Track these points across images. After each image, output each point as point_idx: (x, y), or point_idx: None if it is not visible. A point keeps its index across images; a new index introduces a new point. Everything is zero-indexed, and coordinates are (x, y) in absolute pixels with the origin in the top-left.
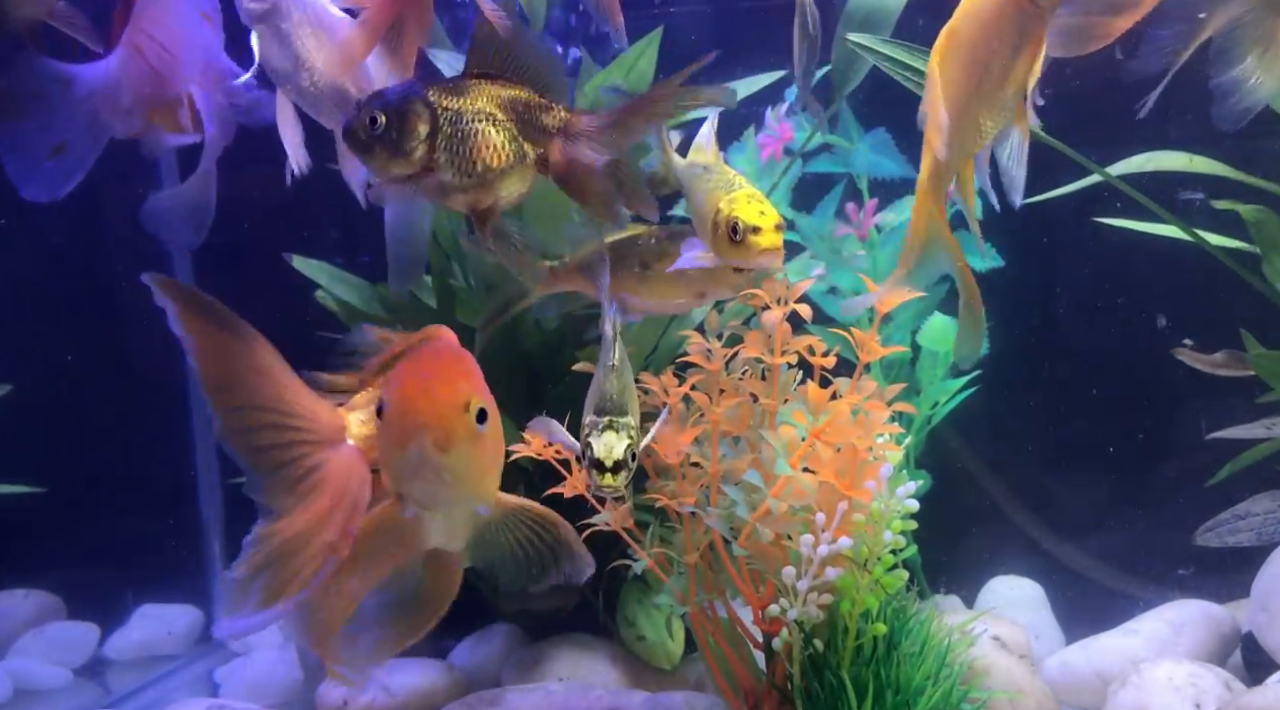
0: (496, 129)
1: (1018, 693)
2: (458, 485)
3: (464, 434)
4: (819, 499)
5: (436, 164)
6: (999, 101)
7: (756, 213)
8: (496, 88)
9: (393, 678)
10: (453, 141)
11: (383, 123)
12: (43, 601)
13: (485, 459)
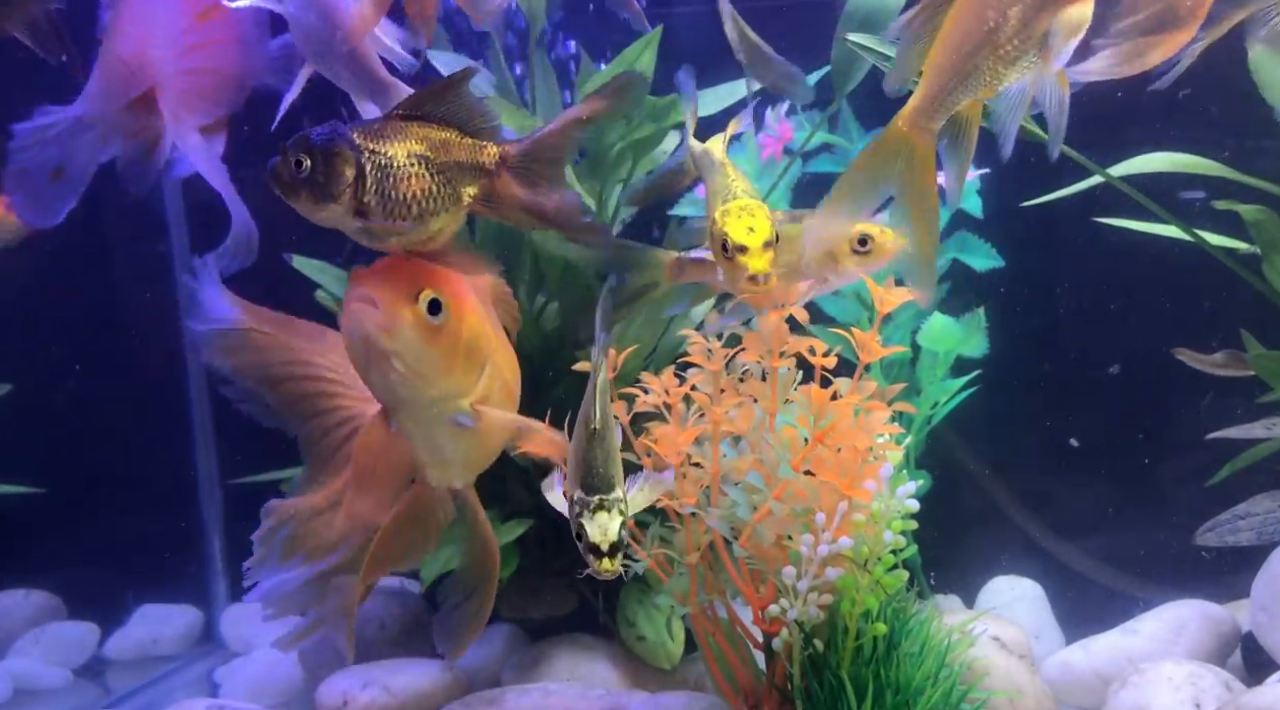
0: (426, 170)
1: (1018, 693)
2: (414, 378)
3: (410, 321)
4: (819, 499)
5: (366, 208)
6: (1014, 49)
7: (745, 230)
8: (425, 129)
9: (393, 678)
10: (381, 184)
11: (307, 166)
12: (43, 601)
13: (444, 353)
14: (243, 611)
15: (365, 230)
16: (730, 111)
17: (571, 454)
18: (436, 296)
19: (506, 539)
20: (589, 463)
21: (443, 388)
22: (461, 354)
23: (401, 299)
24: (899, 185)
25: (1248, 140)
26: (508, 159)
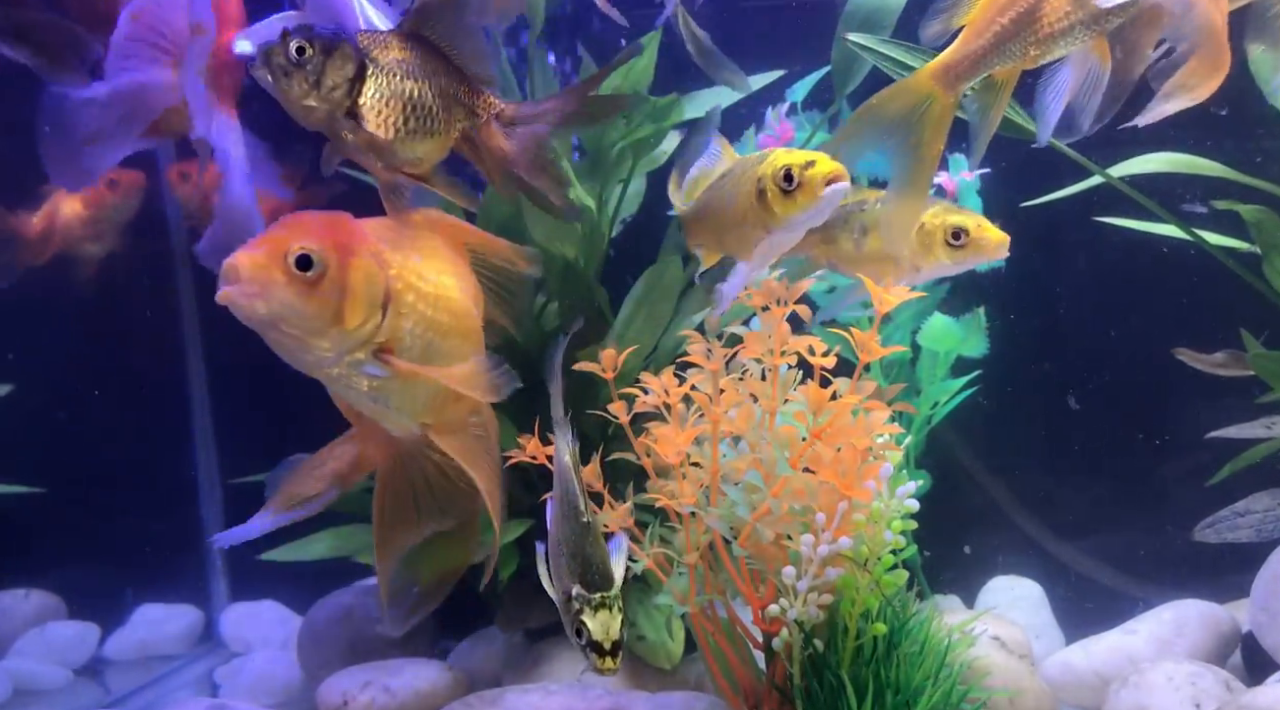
0: (427, 89)
1: (1018, 692)
2: (304, 337)
3: (280, 281)
4: (819, 499)
5: (359, 110)
6: (1064, 20)
7: (801, 155)
8: (431, 53)
9: (393, 678)
10: (380, 90)
11: (309, 53)
12: (43, 601)
13: (324, 305)
14: (243, 611)
15: (352, 136)
16: (731, 113)
17: (560, 545)
18: (305, 251)
19: (507, 539)
20: (586, 558)
21: (337, 339)
22: (351, 300)
23: (269, 262)
24: (904, 138)
25: (1248, 140)
26: (502, 113)
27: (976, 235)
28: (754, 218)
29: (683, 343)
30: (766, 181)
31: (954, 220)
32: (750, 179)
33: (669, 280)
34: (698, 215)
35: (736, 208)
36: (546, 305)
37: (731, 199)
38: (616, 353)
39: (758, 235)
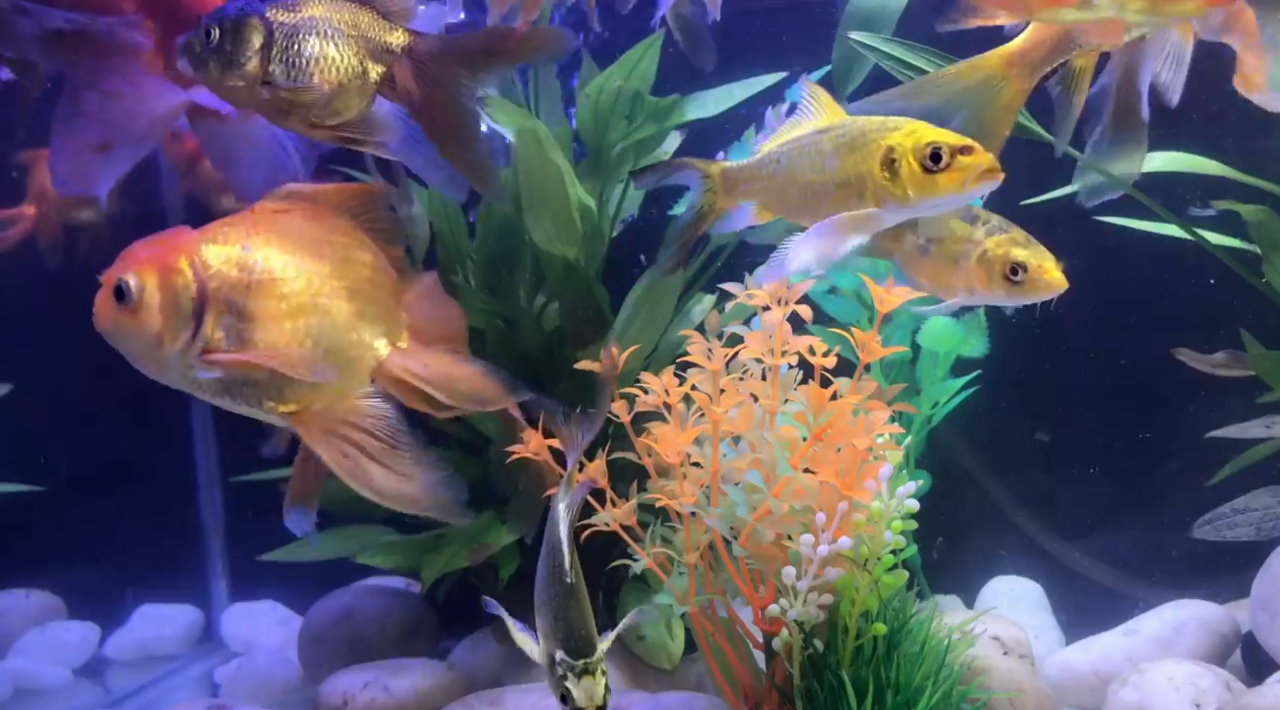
0: (333, 44)
1: (1018, 692)
2: (144, 358)
3: (106, 315)
4: (819, 499)
5: (271, 77)
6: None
7: (952, 136)
8: (337, 4)
9: (393, 678)
10: (288, 54)
11: (216, 36)
12: (43, 601)
13: (144, 329)
14: (243, 611)
15: (273, 102)
16: (731, 114)
17: (545, 608)
18: (121, 281)
19: (506, 540)
20: (569, 623)
21: (162, 358)
22: (165, 321)
23: (102, 296)
24: (968, 118)
25: (1247, 140)
26: (415, 49)
27: (1035, 275)
28: (868, 187)
29: (683, 343)
30: (904, 154)
31: (1016, 254)
32: (877, 145)
33: (669, 280)
34: (765, 168)
35: (841, 170)
36: (546, 305)
37: (833, 158)
38: (616, 352)
39: (859, 205)
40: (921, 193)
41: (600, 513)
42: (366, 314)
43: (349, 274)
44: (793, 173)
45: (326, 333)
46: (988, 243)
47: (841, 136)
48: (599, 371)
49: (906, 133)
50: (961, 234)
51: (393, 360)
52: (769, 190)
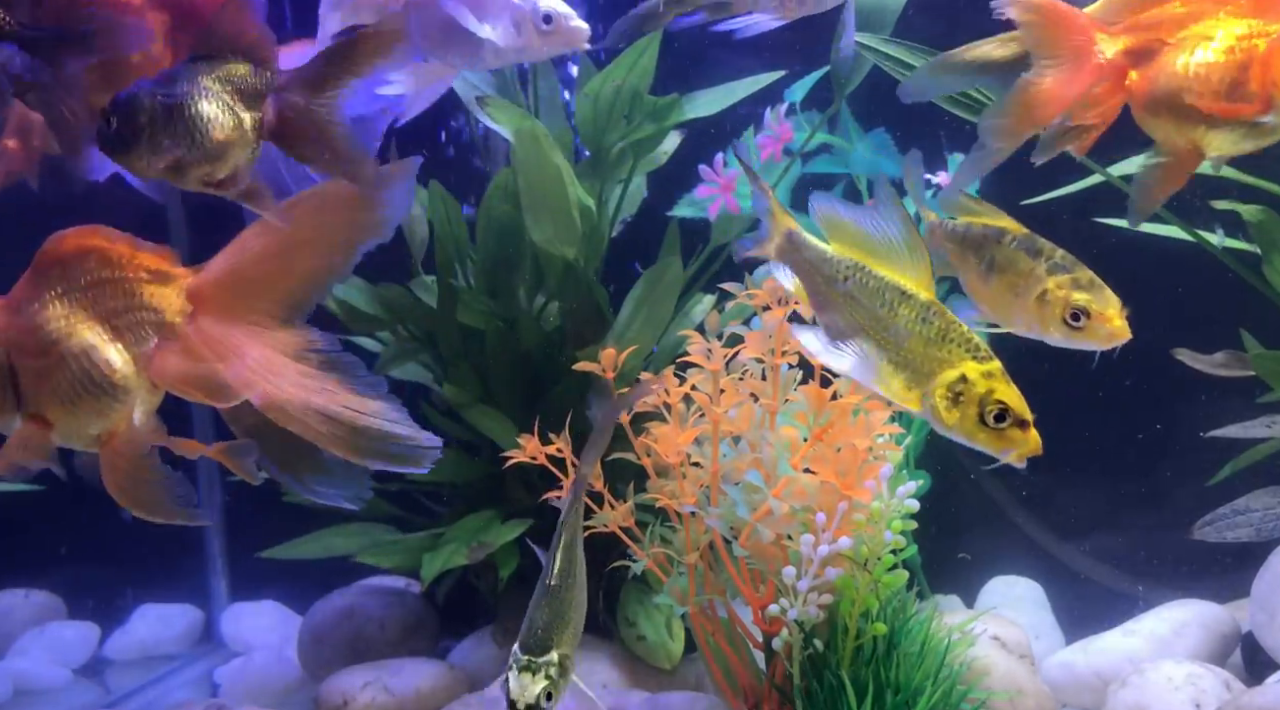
0: (211, 103)
1: (1017, 693)
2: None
3: None
4: (819, 499)
5: (161, 147)
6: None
7: (1019, 400)
8: (212, 66)
9: (393, 678)
10: (172, 123)
11: (113, 123)
12: (43, 601)
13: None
14: (243, 611)
15: (171, 170)
16: (730, 113)
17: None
18: None
19: (506, 539)
20: (533, 621)
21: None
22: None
23: None
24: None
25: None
26: (278, 87)
27: (1096, 322)
28: (920, 388)
29: (683, 343)
30: (970, 398)
31: (1077, 299)
32: (949, 365)
33: (669, 280)
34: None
35: (904, 353)
36: (546, 305)
37: (903, 336)
38: (616, 353)
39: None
40: (964, 436)
41: (599, 514)
42: (120, 326)
43: (102, 299)
44: (853, 305)
45: (80, 375)
46: (1049, 282)
47: (923, 322)
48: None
49: (982, 374)
50: (1024, 267)
51: (156, 363)
52: (822, 293)
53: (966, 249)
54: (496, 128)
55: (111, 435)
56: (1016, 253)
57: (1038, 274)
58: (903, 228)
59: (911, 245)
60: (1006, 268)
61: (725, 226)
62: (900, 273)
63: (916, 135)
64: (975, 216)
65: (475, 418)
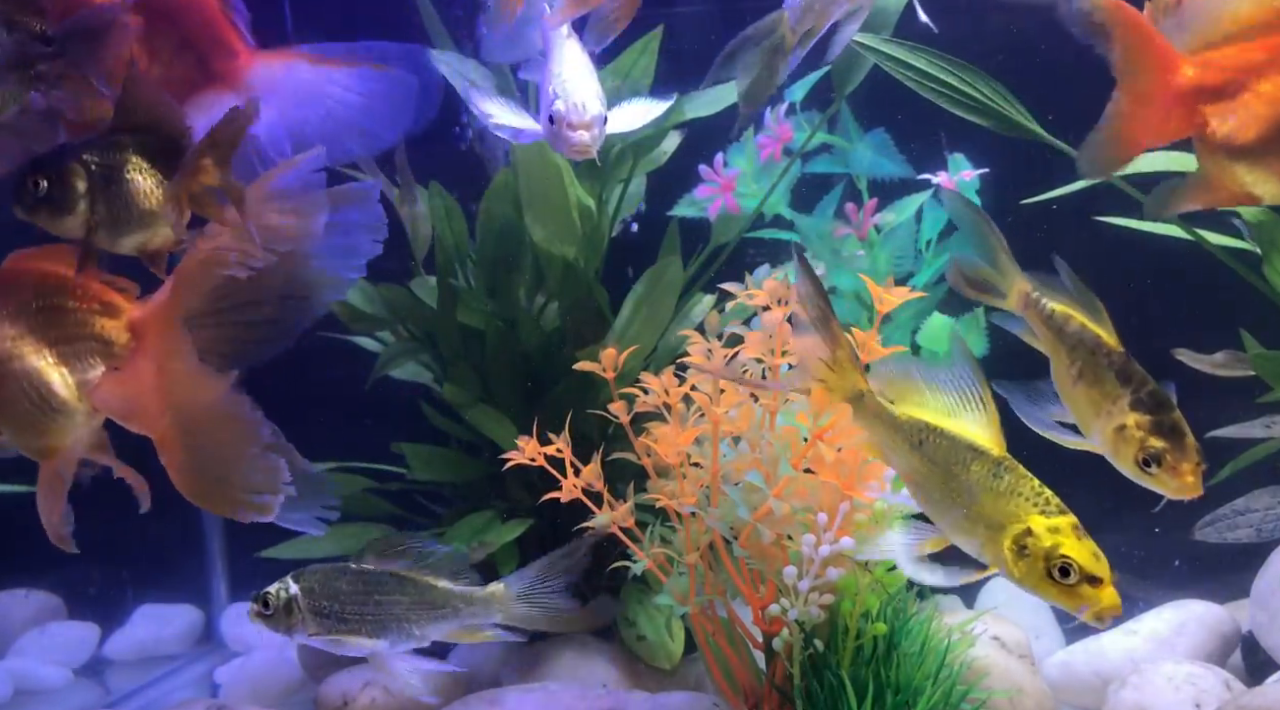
0: (144, 176)
1: (1018, 692)
2: None
3: None
4: (820, 499)
5: (99, 217)
6: None
7: (1090, 556)
8: (140, 135)
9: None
10: (110, 192)
11: (44, 186)
12: (43, 601)
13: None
14: (243, 611)
15: (106, 236)
16: (730, 113)
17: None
18: None
19: (506, 538)
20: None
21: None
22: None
23: None
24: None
25: None
26: (201, 149)
27: (1167, 474)
28: (984, 537)
29: (683, 343)
30: (1037, 551)
31: (1154, 444)
32: (1018, 517)
33: (669, 280)
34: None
35: (973, 505)
36: (546, 305)
37: (972, 493)
38: (617, 353)
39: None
40: (1034, 589)
41: (599, 515)
42: (67, 353)
43: (52, 325)
44: (929, 466)
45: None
46: (1130, 418)
47: (994, 478)
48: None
49: (1048, 528)
50: (1110, 391)
51: (99, 391)
52: (898, 455)
53: (1061, 342)
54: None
55: (53, 451)
56: (1108, 373)
57: (1122, 404)
58: (973, 383)
59: (981, 401)
60: (1095, 383)
61: (725, 226)
62: (969, 426)
63: (915, 134)
64: (1073, 304)
65: (475, 418)
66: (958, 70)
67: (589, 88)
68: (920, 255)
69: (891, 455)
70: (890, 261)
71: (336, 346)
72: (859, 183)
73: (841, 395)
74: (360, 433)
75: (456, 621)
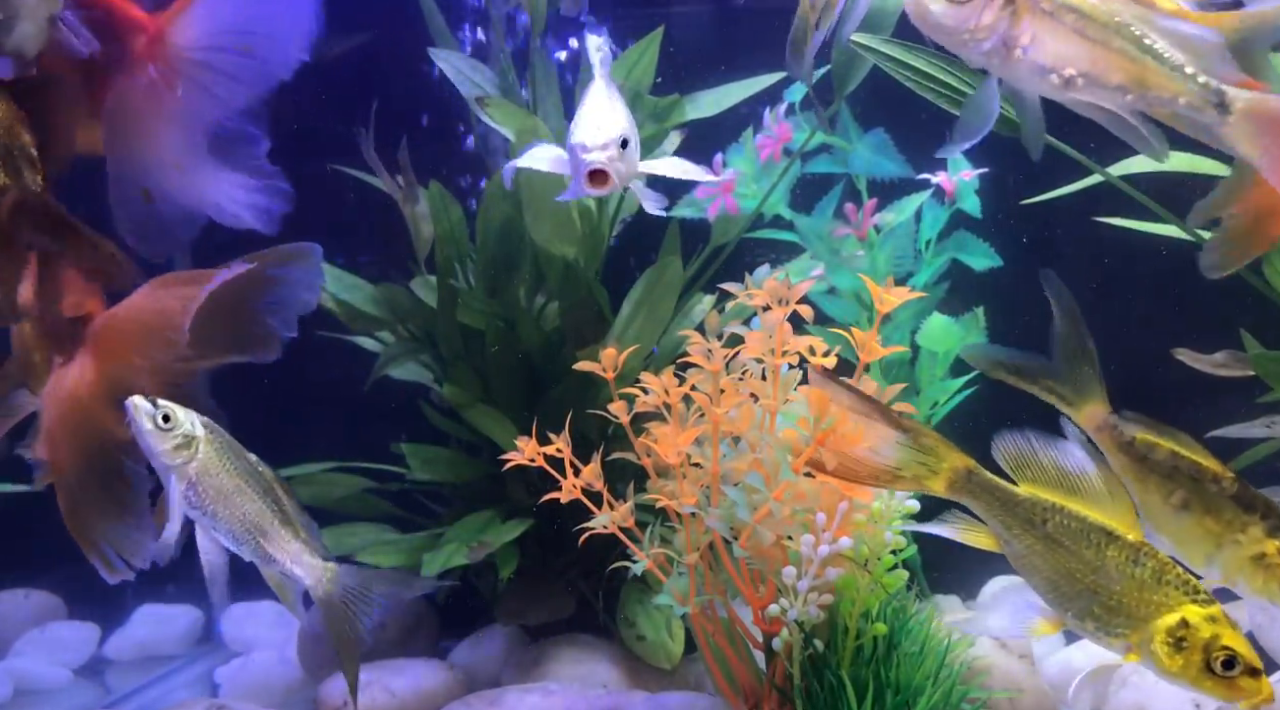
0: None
1: (1018, 692)
2: None
3: None
4: (820, 499)
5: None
6: None
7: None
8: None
9: (394, 678)
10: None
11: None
12: (43, 601)
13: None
14: (243, 611)
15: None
16: (730, 113)
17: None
18: None
19: (506, 538)
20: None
21: None
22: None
23: None
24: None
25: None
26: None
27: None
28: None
29: (683, 343)
30: (1195, 642)
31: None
32: (1168, 608)
33: (669, 280)
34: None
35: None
36: (546, 305)
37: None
38: (617, 353)
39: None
40: (1189, 683)
41: (599, 516)
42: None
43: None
44: (1055, 549)
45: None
46: (1270, 545)
47: (1134, 565)
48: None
49: (1206, 617)
50: (1233, 518)
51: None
52: (1015, 537)
53: (1149, 471)
54: (498, 128)
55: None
56: (1223, 500)
57: (1255, 532)
58: (1101, 465)
59: (1110, 483)
60: (1208, 511)
61: (725, 226)
62: (1099, 511)
63: (915, 134)
64: (1155, 432)
65: (475, 418)
66: (957, 70)
67: (607, 116)
68: (920, 255)
69: (1006, 536)
70: (890, 261)
71: (336, 346)
72: (858, 183)
73: (945, 480)
74: (360, 433)
75: (277, 566)
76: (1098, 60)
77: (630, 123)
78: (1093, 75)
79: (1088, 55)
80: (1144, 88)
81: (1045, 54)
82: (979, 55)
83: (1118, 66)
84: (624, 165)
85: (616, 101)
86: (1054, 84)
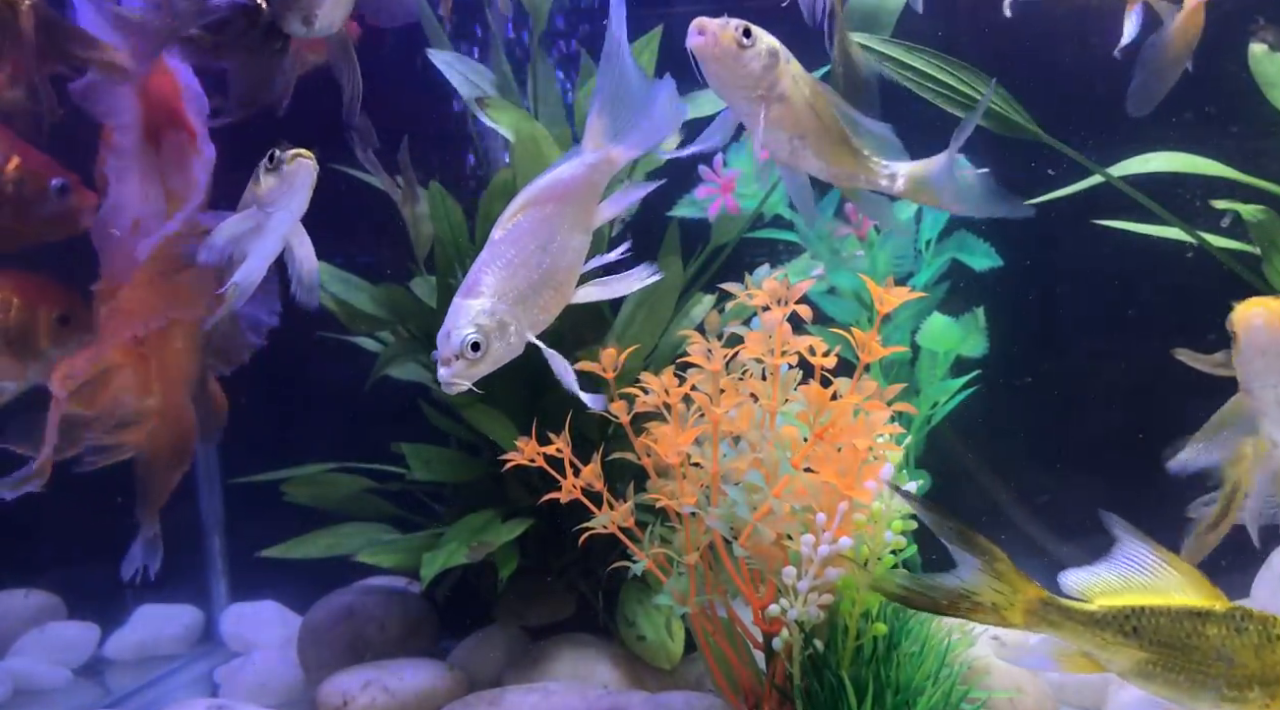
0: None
1: (1018, 691)
2: None
3: None
4: (820, 499)
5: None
6: None
7: None
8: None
9: (393, 678)
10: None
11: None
12: (43, 601)
13: None
14: (243, 611)
15: None
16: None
17: None
18: None
19: (506, 538)
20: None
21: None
22: None
23: None
24: None
25: (1247, 140)
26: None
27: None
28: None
29: (683, 343)
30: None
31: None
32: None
33: (669, 280)
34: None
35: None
36: None
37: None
38: (617, 353)
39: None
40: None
41: (599, 516)
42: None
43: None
44: (1156, 651)
45: None
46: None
47: (1239, 633)
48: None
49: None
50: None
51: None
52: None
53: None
54: (497, 128)
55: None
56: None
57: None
58: (1156, 552)
59: (1173, 563)
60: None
61: (725, 226)
62: (1176, 594)
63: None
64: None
65: (475, 418)
66: (957, 70)
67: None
68: (920, 255)
69: (1103, 656)
70: (890, 261)
71: (336, 346)
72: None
73: (1022, 612)
74: (360, 433)
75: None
76: (819, 134)
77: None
78: (814, 146)
79: (814, 127)
80: (842, 165)
81: (786, 117)
82: (744, 100)
83: (831, 141)
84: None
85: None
86: (784, 144)
